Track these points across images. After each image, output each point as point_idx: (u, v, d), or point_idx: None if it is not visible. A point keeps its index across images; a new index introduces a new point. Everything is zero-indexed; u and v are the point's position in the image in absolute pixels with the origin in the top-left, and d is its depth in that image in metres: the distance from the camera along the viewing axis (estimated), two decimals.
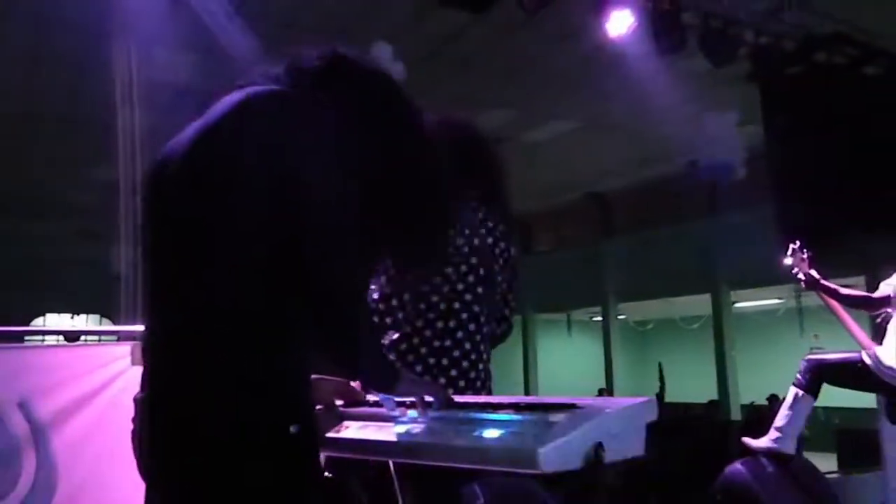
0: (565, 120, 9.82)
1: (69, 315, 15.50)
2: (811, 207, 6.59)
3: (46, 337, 6.75)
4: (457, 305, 2.09)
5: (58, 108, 8.06)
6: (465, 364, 2.07)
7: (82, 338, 5.25)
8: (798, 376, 4.17)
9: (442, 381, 2.03)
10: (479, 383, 2.09)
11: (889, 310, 4.12)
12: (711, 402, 12.41)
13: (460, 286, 2.10)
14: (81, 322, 15.28)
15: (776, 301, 14.60)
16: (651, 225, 13.36)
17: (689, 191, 11.88)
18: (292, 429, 1.30)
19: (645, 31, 5.64)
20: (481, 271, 2.13)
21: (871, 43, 6.73)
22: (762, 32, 6.26)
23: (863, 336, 4.44)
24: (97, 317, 14.59)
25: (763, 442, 4.04)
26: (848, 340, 4.44)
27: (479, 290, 2.13)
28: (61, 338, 4.89)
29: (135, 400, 1.46)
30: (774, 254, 7.39)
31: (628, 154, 11.36)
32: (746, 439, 4.13)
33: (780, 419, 4.08)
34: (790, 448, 4.03)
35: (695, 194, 12.18)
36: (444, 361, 2.06)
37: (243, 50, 5.10)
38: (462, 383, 2.04)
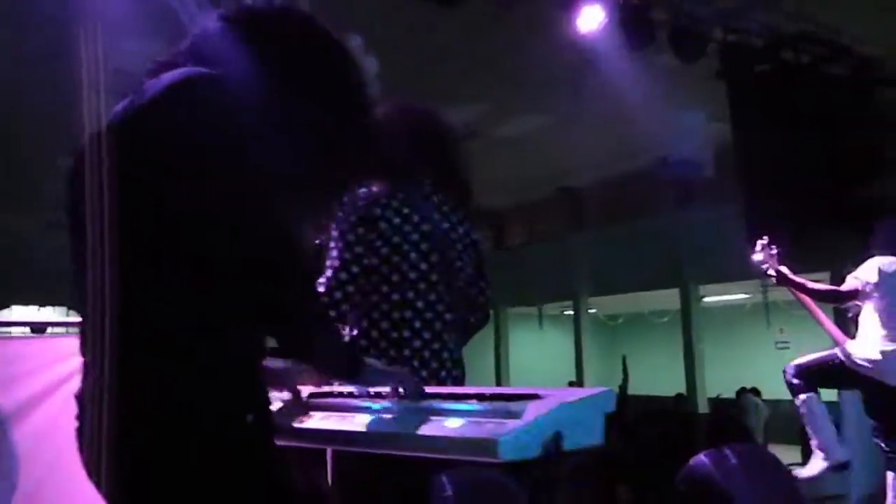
0: (537, 115, 9.86)
1: (35, 307, 15.28)
2: (778, 204, 6.69)
3: (12, 328, 6.65)
4: (410, 295, 2.06)
5: (19, 97, 7.95)
6: (426, 353, 2.05)
7: (49, 329, 5.19)
8: (793, 383, 4.17)
9: None
10: (443, 373, 2.06)
11: (858, 303, 4.16)
12: (679, 395, 12.57)
13: (413, 275, 2.06)
14: (48, 313, 15.07)
15: (743, 296, 14.80)
16: (621, 220, 13.48)
17: (658, 186, 12.00)
18: (249, 417, 1.28)
19: (615, 27, 5.69)
20: (433, 257, 2.09)
21: (837, 42, 6.85)
22: (730, 30, 6.34)
23: (836, 331, 4.47)
24: (64, 308, 14.40)
25: (816, 467, 3.97)
26: (813, 335, 4.50)
27: (434, 277, 2.09)
28: (28, 329, 4.84)
29: (76, 397, 1.41)
30: (742, 249, 7.50)
31: (600, 149, 11.44)
32: (800, 473, 4.01)
33: (813, 437, 4.02)
34: (842, 455, 4.00)
35: (664, 190, 12.30)
36: (406, 352, 2.03)
37: None
38: (424, 373, 2.01)
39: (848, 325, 4.33)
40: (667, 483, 4.53)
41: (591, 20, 5.56)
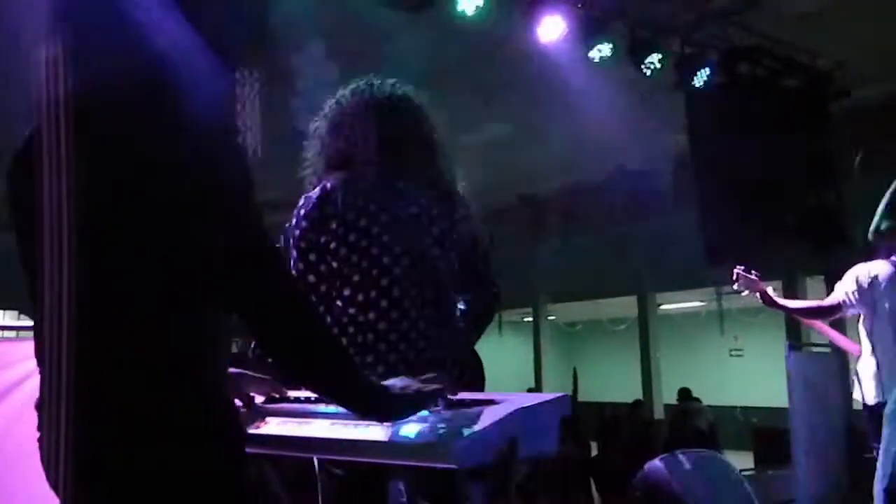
0: (499, 123, 9.92)
1: None
2: (732, 214, 6.81)
3: None
4: (373, 294, 1.94)
5: None
6: (402, 346, 1.94)
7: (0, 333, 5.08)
8: None
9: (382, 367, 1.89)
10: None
11: (843, 315, 4.04)
12: (637, 401, 12.71)
13: (375, 272, 1.95)
14: None
15: (698, 304, 15.02)
16: (581, 228, 13.59)
17: (617, 195, 12.13)
18: (217, 426, 1.26)
19: (576, 38, 5.75)
20: (397, 249, 1.97)
21: (790, 56, 7.01)
22: (688, 43, 6.46)
23: (846, 342, 4.39)
24: (15, 312, 14.09)
25: None
26: (767, 344, 4.57)
27: (397, 270, 1.97)
28: None
29: (36, 406, 1.36)
30: (698, 258, 7.64)
31: (560, 159, 11.53)
32: None
33: None
34: None
35: (623, 199, 12.45)
36: (382, 347, 1.93)
37: None
38: (402, 367, 1.88)
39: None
40: (623, 488, 4.58)
41: (551, 30, 5.61)
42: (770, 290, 4.18)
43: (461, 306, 2.26)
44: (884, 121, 8.36)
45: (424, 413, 1.37)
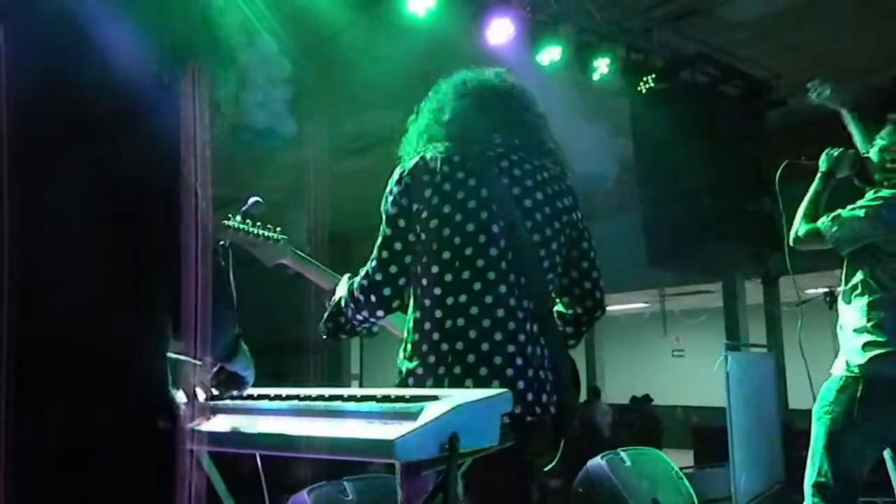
0: None
1: None
2: (676, 217, 6.96)
3: None
4: (466, 275, 1.80)
5: None
6: (483, 346, 1.77)
7: None
8: None
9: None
10: (509, 371, 1.76)
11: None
12: (587, 400, 12.88)
13: (468, 251, 1.82)
14: None
15: (642, 305, 15.31)
16: None
17: None
18: (160, 423, 1.24)
19: (524, 41, 5.82)
20: (495, 228, 1.84)
21: (731, 64, 7.19)
22: (633, 49, 6.58)
23: None
24: None
25: None
26: (706, 345, 4.66)
27: (495, 251, 1.82)
28: None
29: None
30: (642, 260, 7.78)
31: None
32: None
33: None
34: None
35: None
36: (459, 345, 1.77)
37: None
38: (483, 371, 1.74)
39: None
40: (566, 487, 4.65)
41: (500, 33, 5.67)
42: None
43: (559, 308, 2.12)
44: (817, 129, 8.63)
45: (367, 408, 1.40)
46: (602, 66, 6.28)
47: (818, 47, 7.18)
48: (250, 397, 1.62)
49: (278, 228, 2.38)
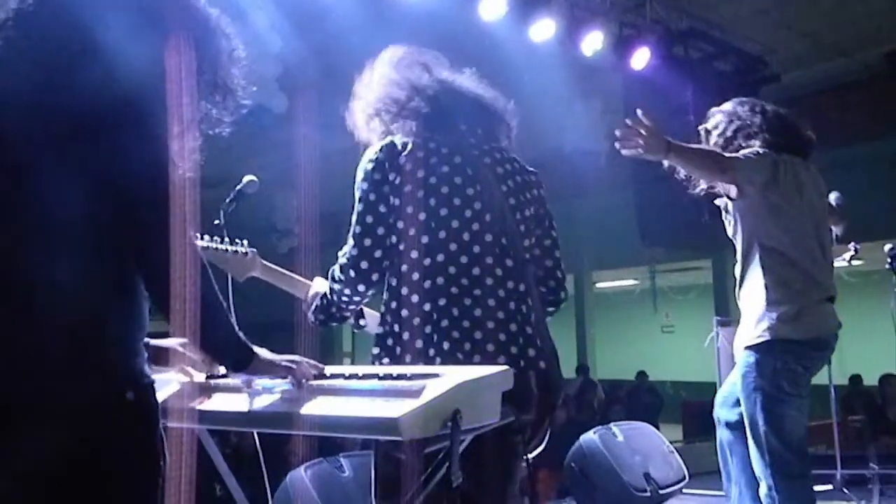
0: None
1: None
2: (666, 194, 6.96)
3: None
4: (453, 247, 1.84)
5: None
6: (478, 325, 1.79)
7: None
8: None
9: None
10: (513, 348, 1.80)
11: None
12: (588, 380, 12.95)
13: (442, 234, 1.85)
14: None
15: (633, 282, 15.36)
16: None
17: (555, 175, 12.25)
18: (129, 395, 1.25)
19: (516, 17, 5.78)
20: (476, 205, 1.88)
21: (724, 40, 7.17)
22: (626, 24, 6.55)
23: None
24: None
25: None
26: (696, 321, 4.66)
27: (466, 236, 1.86)
28: None
29: None
30: (633, 237, 7.79)
31: None
32: None
33: None
34: None
35: (561, 179, 12.58)
36: (445, 323, 1.78)
37: None
38: (490, 346, 1.77)
39: None
40: (559, 461, 4.66)
41: (492, 9, 5.63)
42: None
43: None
44: (810, 105, 8.64)
45: (370, 386, 1.40)
46: (595, 41, 6.25)
47: (812, 23, 7.16)
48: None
49: (245, 241, 2.35)
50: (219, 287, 1.38)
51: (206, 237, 2.24)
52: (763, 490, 2.81)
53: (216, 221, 2.29)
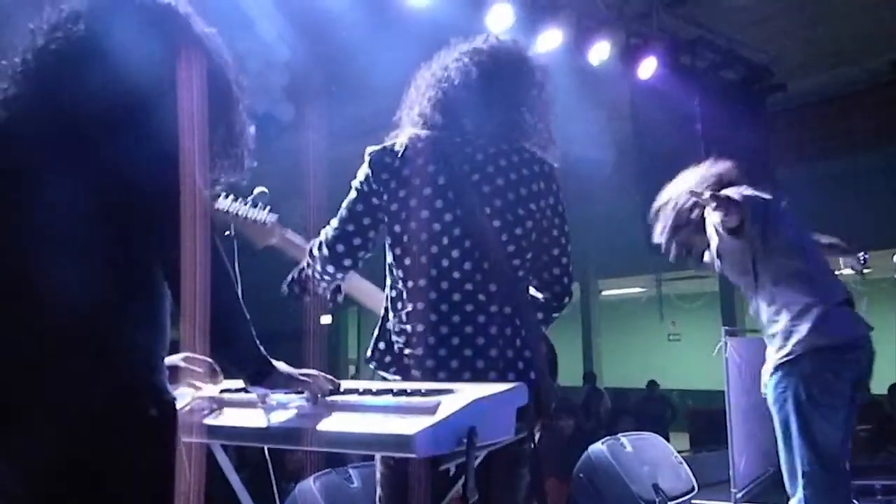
0: None
1: None
2: None
3: None
4: (423, 260, 1.84)
5: None
6: (443, 329, 1.82)
7: None
8: None
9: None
10: (494, 351, 1.81)
11: None
12: (595, 388, 12.90)
13: (424, 235, 1.86)
14: None
15: (639, 290, 15.32)
16: None
17: (561, 183, 12.25)
18: (152, 411, 1.25)
19: (524, 27, 5.78)
20: (447, 216, 1.87)
21: (731, 49, 7.17)
22: (633, 34, 6.55)
23: None
24: None
25: None
26: (702, 329, 4.66)
27: (445, 240, 1.85)
28: None
29: None
30: (639, 245, 7.77)
31: None
32: None
33: None
34: None
35: (567, 186, 12.56)
36: (419, 327, 1.83)
37: None
38: (454, 365, 1.78)
39: None
40: (567, 473, 4.65)
41: (500, 18, 5.63)
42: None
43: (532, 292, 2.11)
44: (816, 114, 8.63)
45: (384, 402, 1.40)
46: (602, 50, 6.25)
47: (817, 32, 7.16)
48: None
49: (268, 208, 2.35)
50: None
51: (228, 199, 2.24)
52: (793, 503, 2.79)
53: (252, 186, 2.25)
